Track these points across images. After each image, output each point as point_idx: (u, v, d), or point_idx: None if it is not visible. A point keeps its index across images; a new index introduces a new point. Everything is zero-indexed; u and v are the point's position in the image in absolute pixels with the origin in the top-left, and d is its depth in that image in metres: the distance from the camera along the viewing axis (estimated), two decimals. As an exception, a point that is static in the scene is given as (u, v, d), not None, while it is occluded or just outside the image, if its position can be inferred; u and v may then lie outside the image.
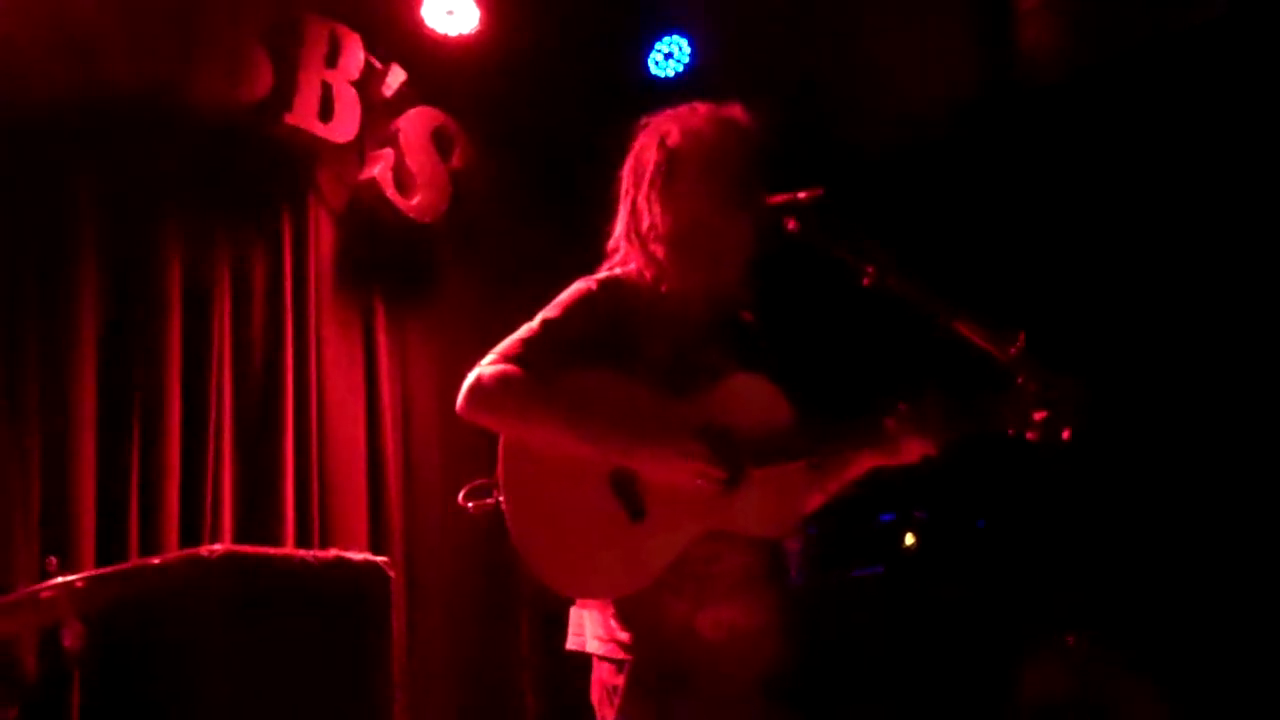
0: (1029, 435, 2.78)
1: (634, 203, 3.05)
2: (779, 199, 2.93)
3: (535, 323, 2.95)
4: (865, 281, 2.87)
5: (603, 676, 2.93)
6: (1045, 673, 5.01)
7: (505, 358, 2.89)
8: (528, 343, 2.91)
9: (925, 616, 5.39)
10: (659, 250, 3.01)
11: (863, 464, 3.04)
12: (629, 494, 2.86)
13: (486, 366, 2.89)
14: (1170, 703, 4.86)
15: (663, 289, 3.01)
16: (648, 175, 3.04)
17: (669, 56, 6.42)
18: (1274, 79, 5.26)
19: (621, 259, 3.07)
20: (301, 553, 4.14)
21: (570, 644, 3.01)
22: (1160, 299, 5.47)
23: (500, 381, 2.86)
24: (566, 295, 2.99)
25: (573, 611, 3.02)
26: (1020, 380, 2.78)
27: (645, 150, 3.06)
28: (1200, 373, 5.33)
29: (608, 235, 3.11)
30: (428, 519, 5.67)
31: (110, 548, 4.60)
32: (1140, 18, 5.74)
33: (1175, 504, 5.27)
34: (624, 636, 2.89)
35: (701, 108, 3.08)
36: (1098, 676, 4.91)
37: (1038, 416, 2.75)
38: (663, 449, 2.83)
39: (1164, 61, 5.58)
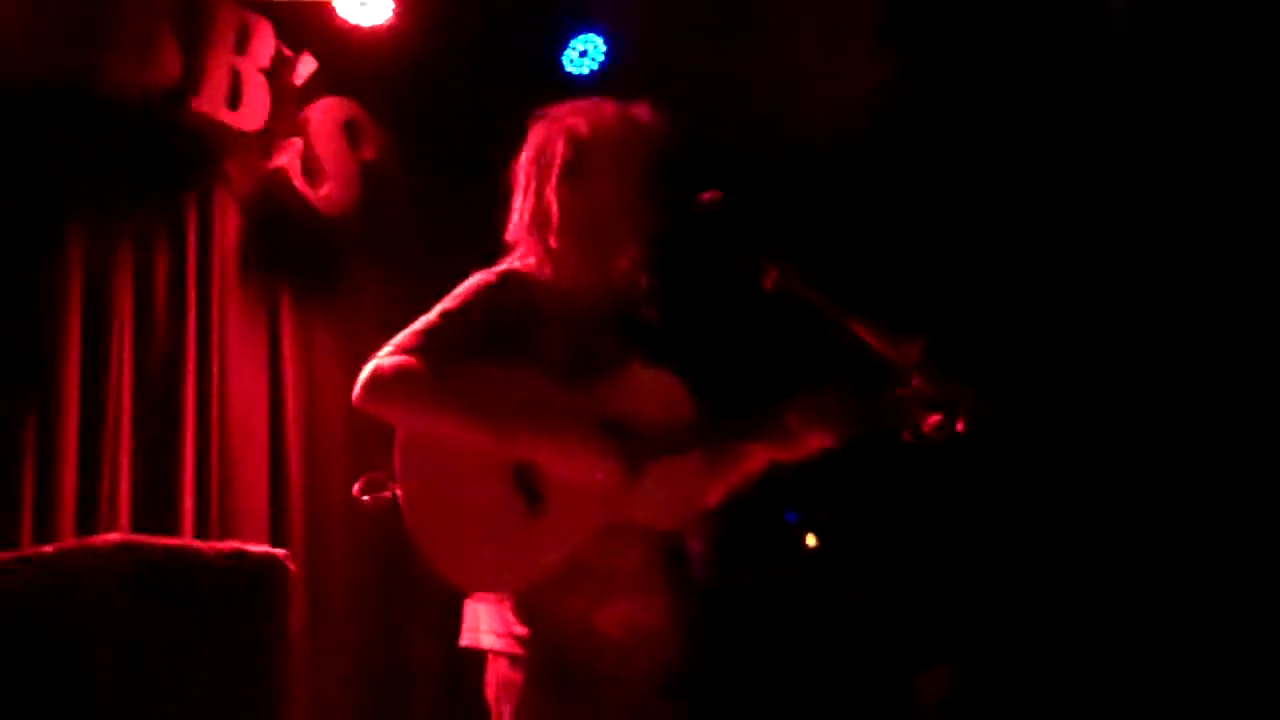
0: (922, 437, 2.82)
1: (537, 195, 3.04)
2: (683, 199, 2.96)
3: (433, 314, 2.93)
4: (767, 284, 2.90)
5: (499, 672, 2.92)
6: (937, 675, 5.07)
7: (403, 349, 2.87)
8: (425, 334, 2.89)
9: (826, 617, 5.44)
10: (559, 243, 3.02)
11: (761, 456, 3.06)
12: (528, 486, 2.85)
13: (384, 358, 2.87)
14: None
15: (563, 284, 3.02)
16: (555, 167, 3.04)
17: (584, 54, 6.40)
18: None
19: (521, 253, 3.07)
20: (200, 544, 4.10)
21: (465, 640, 3.00)
22: (1067, 306, 5.55)
23: (397, 372, 2.84)
24: (465, 287, 2.98)
25: (467, 606, 3.00)
26: (916, 383, 2.81)
27: (551, 142, 3.06)
28: (1099, 383, 5.43)
29: (505, 228, 3.10)
30: (330, 512, 5.60)
31: (2, 536, 4.52)
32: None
33: (1066, 507, 5.37)
34: (521, 631, 2.88)
35: (607, 104, 3.09)
36: None
37: (932, 419, 2.79)
38: (562, 442, 2.83)
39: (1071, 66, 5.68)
